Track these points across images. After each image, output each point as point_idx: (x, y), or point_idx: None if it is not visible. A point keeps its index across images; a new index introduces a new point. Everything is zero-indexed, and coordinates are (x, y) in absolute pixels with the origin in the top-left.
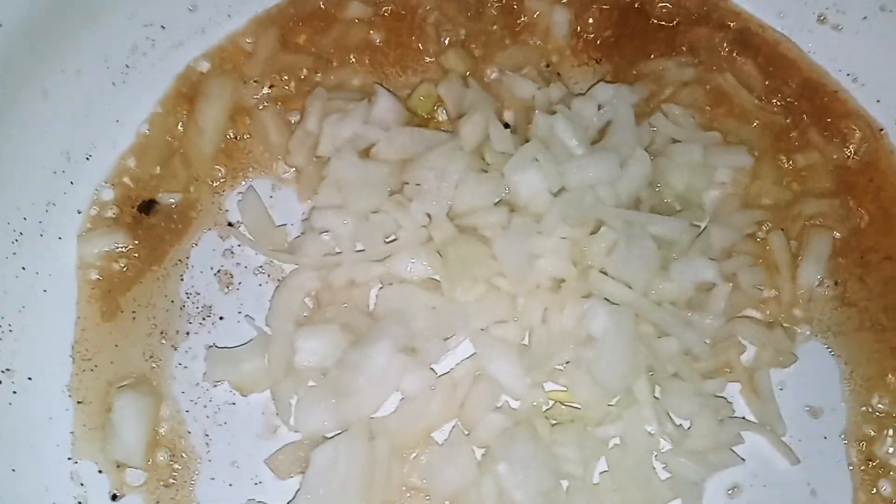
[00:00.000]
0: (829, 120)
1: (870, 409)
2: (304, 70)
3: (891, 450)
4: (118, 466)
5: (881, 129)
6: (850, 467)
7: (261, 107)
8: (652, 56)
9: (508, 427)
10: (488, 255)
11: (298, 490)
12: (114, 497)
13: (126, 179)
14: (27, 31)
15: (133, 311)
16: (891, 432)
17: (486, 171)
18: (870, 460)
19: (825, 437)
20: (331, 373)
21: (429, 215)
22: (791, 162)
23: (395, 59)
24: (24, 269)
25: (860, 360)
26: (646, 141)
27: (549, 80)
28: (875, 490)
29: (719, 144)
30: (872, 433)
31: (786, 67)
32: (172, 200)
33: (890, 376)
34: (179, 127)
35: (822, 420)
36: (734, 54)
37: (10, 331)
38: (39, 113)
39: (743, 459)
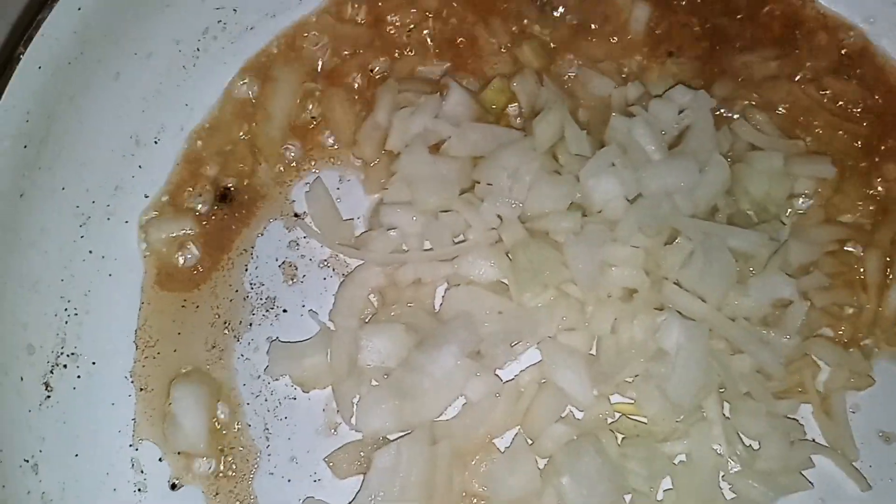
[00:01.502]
0: None
1: None
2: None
3: None
4: (179, 455)
5: None
6: None
7: (328, 90)
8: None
9: (573, 438)
10: (559, 261)
11: (358, 491)
12: (173, 486)
13: (194, 164)
14: (104, 14)
15: (197, 300)
16: None
17: (560, 173)
18: None
19: None
20: (394, 373)
21: (499, 216)
22: (879, 174)
23: (467, 52)
24: (90, 252)
25: None
26: (724, 147)
27: (626, 78)
28: None
29: (802, 153)
30: None
31: (873, 75)
32: (240, 186)
33: None
34: (249, 111)
35: (895, 446)
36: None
37: (76, 314)
38: (111, 96)
39: (812, 484)
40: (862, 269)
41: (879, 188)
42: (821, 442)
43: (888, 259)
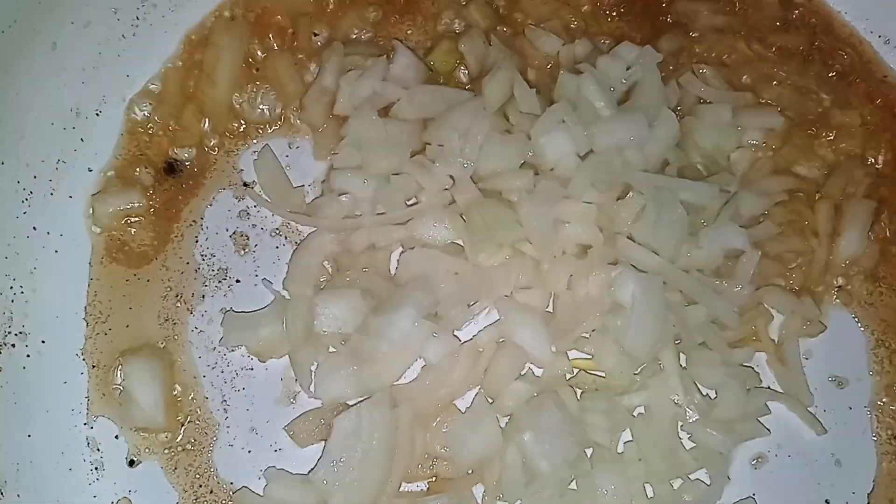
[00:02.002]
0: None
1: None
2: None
3: None
4: (136, 431)
5: None
6: (875, 438)
7: (273, 54)
8: None
9: (533, 395)
10: (513, 220)
11: (320, 457)
12: (131, 463)
13: (138, 136)
14: None
15: (147, 274)
16: None
17: (511, 132)
18: (894, 433)
19: (850, 408)
20: (352, 339)
21: (452, 177)
22: (828, 124)
23: (413, 11)
24: (34, 228)
25: (888, 330)
26: (673, 101)
27: (573, 36)
28: None
29: (749, 105)
30: None
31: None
32: (186, 155)
33: None
34: (192, 80)
35: (847, 390)
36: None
37: (22, 292)
38: (48, 66)
39: (769, 430)
40: (811, 218)
41: (829, 138)
42: (776, 388)
43: (838, 208)
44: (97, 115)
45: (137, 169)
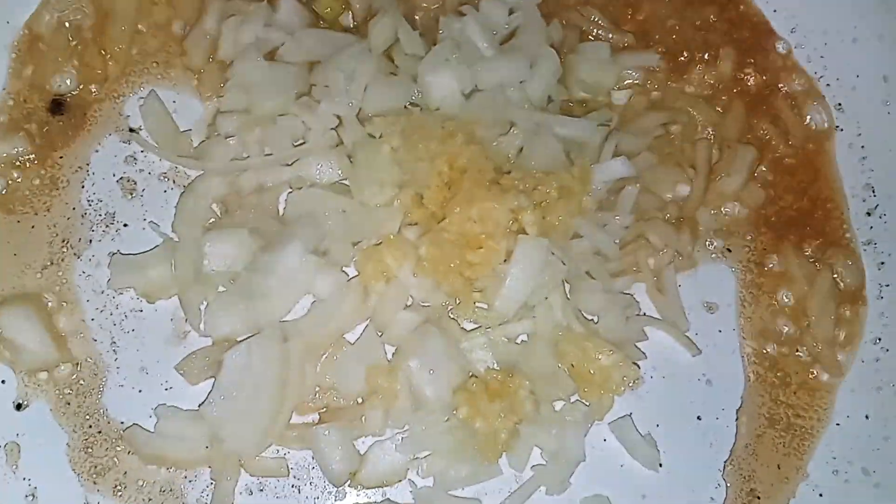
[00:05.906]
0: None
1: (762, 304)
2: None
3: (777, 346)
4: (31, 374)
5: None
6: (743, 358)
7: None
8: None
9: (419, 325)
10: (395, 160)
11: (211, 391)
12: (18, 406)
13: (23, 82)
14: None
15: (32, 220)
16: (784, 327)
17: (396, 75)
18: (760, 351)
19: (720, 331)
20: (241, 277)
21: (338, 117)
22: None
23: None
24: None
25: (753, 259)
26: (555, 39)
27: None
28: (765, 377)
29: (630, 44)
30: (764, 327)
31: None
32: (71, 87)
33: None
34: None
35: (717, 315)
36: None
37: None
38: None
39: (645, 354)
40: (690, 153)
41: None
42: (653, 315)
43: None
44: None
45: (23, 113)
